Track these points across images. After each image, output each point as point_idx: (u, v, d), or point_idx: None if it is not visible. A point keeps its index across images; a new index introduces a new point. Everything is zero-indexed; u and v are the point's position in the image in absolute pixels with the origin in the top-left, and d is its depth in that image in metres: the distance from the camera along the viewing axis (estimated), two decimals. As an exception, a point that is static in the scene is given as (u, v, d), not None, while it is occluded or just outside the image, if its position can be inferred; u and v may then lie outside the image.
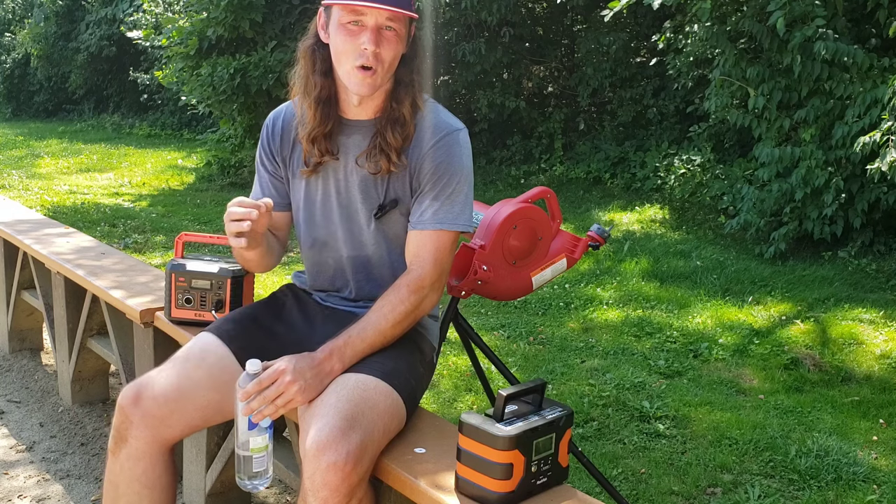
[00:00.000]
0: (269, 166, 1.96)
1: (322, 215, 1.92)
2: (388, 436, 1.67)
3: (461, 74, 9.26)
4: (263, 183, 1.98)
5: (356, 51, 1.71)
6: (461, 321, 2.11)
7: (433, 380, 3.62)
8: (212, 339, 1.84)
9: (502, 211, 1.96)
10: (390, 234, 1.88)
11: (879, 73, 5.23)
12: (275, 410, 1.58)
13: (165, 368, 1.78)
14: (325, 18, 1.78)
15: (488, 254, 1.92)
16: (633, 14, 8.50)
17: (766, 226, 5.91)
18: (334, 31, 1.74)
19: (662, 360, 3.87)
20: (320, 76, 1.80)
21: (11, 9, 19.62)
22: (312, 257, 1.98)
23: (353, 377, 1.67)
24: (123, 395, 1.73)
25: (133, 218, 7.41)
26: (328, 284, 1.99)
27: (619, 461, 2.91)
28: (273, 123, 1.95)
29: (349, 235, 1.90)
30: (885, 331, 4.28)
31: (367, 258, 1.91)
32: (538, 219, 2.00)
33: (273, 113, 1.98)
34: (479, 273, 1.90)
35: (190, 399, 1.73)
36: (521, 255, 1.99)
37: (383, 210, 1.85)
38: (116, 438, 1.73)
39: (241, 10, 8.79)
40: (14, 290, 3.87)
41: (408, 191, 1.84)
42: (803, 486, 2.76)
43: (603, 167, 8.46)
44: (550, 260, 2.04)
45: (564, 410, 1.55)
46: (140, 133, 14.93)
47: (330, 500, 1.50)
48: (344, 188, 1.87)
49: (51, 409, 3.38)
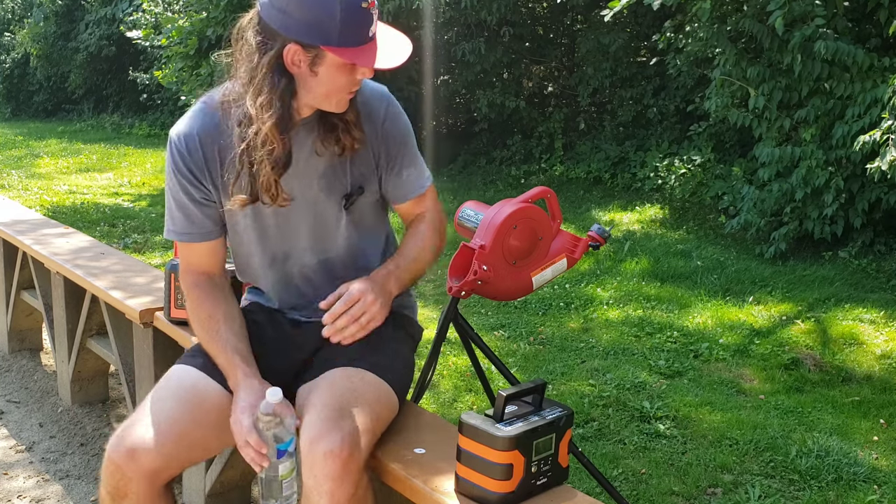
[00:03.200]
0: (197, 193, 1.74)
1: (278, 227, 1.79)
2: (380, 423, 1.66)
3: (461, 74, 9.26)
4: (191, 214, 1.76)
5: (353, 83, 1.64)
6: (461, 321, 2.11)
7: (433, 380, 3.62)
8: (196, 374, 1.73)
9: (502, 211, 1.95)
10: (359, 221, 1.84)
11: (879, 72, 5.22)
12: (360, 329, 1.65)
13: (156, 414, 1.65)
14: (307, 58, 1.58)
15: (488, 254, 1.91)
16: (633, 14, 8.49)
17: (767, 226, 5.91)
18: (329, 70, 1.60)
19: (663, 361, 3.87)
20: (287, 106, 1.63)
21: (11, 8, 19.61)
22: (273, 275, 1.87)
23: (338, 372, 1.68)
24: (116, 451, 1.60)
25: (132, 218, 7.41)
26: (296, 298, 1.89)
27: (620, 461, 2.90)
28: (186, 143, 1.72)
29: (315, 240, 1.82)
30: (885, 331, 4.27)
31: (337, 256, 1.85)
32: (538, 219, 1.99)
33: (181, 131, 1.73)
34: (479, 273, 1.89)
35: (187, 443, 1.65)
36: (521, 255, 1.98)
37: (351, 199, 1.79)
38: (114, 494, 1.62)
39: (240, 10, 8.59)
40: (13, 291, 3.86)
41: (372, 172, 1.80)
42: (804, 486, 2.76)
43: (603, 167, 8.46)
44: (551, 260, 2.03)
45: (564, 411, 1.55)
46: (140, 133, 14.92)
47: (336, 491, 1.49)
48: (301, 191, 1.76)
49: (50, 409, 3.38)
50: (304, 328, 1.90)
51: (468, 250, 1.92)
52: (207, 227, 1.79)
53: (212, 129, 1.72)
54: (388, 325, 1.85)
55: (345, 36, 1.55)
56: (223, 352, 1.71)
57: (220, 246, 1.84)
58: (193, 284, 1.81)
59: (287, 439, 1.57)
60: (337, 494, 1.49)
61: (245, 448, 1.58)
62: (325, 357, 1.78)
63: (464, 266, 1.93)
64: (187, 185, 1.74)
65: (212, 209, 1.78)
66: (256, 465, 1.57)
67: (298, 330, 1.90)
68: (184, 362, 1.79)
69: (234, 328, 1.75)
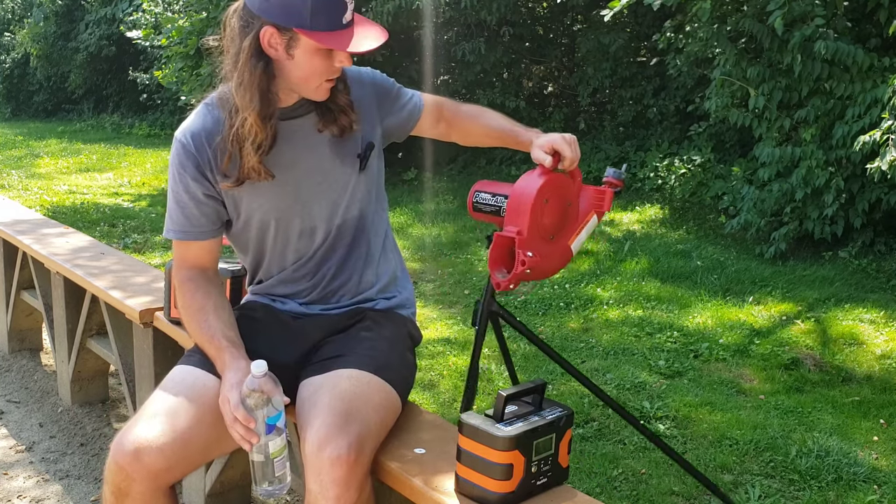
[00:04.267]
0: (200, 189, 1.78)
1: (298, 202, 1.83)
2: (385, 429, 1.67)
3: (461, 74, 9.25)
4: (190, 214, 1.80)
5: (329, 70, 1.69)
6: (505, 314, 2.07)
7: (433, 380, 3.62)
8: (198, 372, 1.74)
9: (528, 189, 1.79)
10: (372, 177, 1.92)
11: (879, 72, 5.22)
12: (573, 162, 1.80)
13: (159, 414, 1.65)
14: (282, 40, 1.64)
15: (528, 238, 1.77)
16: (633, 14, 8.49)
17: (767, 226, 5.91)
18: (305, 54, 1.65)
19: (663, 361, 3.87)
20: (266, 91, 1.68)
21: (11, 8, 19.61)
22: (292, 256, 1.89)
23: (344, 374, 1.68)
24: (120, 451, 1.60)
25: (132, 218, 7.41)
26: (307, 279, 1.91)
27: (620, 461, 2.90)
28: (192, 140, 1.76)
29: (333, 208, 1.85)
30: (885, 331, 4.27)
31: (355, 218, 1.89)
32: (563, 184, 1.84)
33: (185, 131, 1.78)
34: (526, 261, 1.75)
35: (192, 444, 1.65)
36: (557, 229, 1.85)
37: (366, 157, 1.87)
38: (117, 494, 1.62)
39: (240, 10, 8.77)
40: (13, 291, 3.86)
41: (375, 125, 1.91)
42: (804, 486, 2.76)
43: (603, 167, 8.45)
44: (582, 221, 1.90)
45: (565, 411, 1.55)
46: (139, 133, 14.92)
47: (342, 496, 1.49)
48: (315, 164, 1.82)
49: (50, 409, 3.38)
50: (303, 321, 1.91)
51: (505, 239, 1.79)
52: (205, 226, 1.82)
53: (215, 126, 1.77)
54: (390, 327, 1.86)
55: (317, 19, 1.61)
56: (211, 339, 1.73)
57: (216, 245, 1.87)
58: (187, 278, 1.84)
59: (275, 414, 1.57)
60: (343, 499, 1.49)
61: (234, 425, 1.58)
62: (328, 355, 1.78)
63: (503, 257, 1.81)
64: (191, 182, 1.77)
65: (212, 208, 1.81)
66: (245, 443, 1.58)
67: (298, 322, 1.91)
68: (185, 362, 1.80)
69: (222, 317, 1.78)
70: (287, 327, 1.90)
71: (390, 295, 1.98)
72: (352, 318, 1.91)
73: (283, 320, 1.91)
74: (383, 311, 1.94)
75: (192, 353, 1.83)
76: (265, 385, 1.57)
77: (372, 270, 1.94)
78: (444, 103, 2.05)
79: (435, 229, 6.86)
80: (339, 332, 1.88)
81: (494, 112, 2.03)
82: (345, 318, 1.91)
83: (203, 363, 1.76)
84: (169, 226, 1.84)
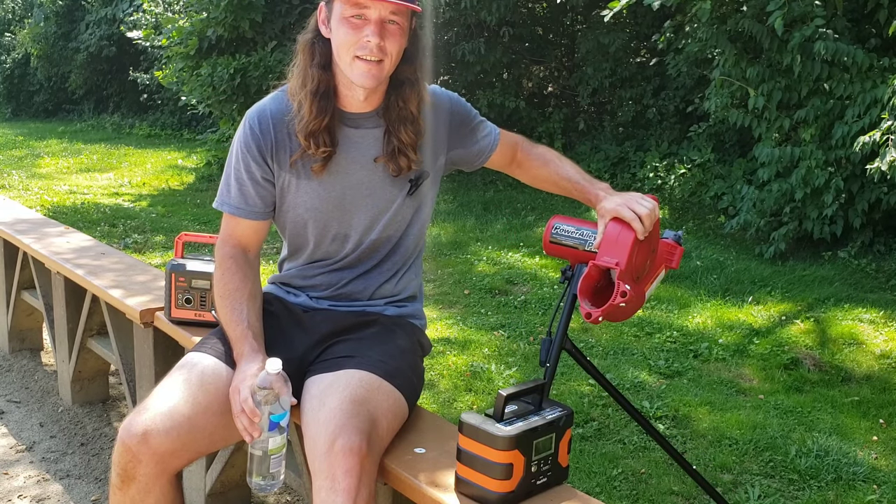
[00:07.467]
0: (259, 172, 1.83)
1: (339, 208, 1.85)
2: (391, 433, 1.68)
3: (461, 74, 9.26)
4: (247, 192, 1.85)
5: (358, 42, 1.71)
6: (573, 350, 1.94)
7: (433, 380, 3.62)
8: (211, 360, 1.76)
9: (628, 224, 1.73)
10: (420, 203, 1.92)
11: (879, 72, 5.23)
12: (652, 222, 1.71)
13: (168, 398, 1.67)
14: (327, 13, 1.76)
15: (625, 272, 1.69)
16: (633, 14, 8.50)
17: (766, 226, 5.91)
18: (336, 24, 1.73)
19: (662, 360, 3.87)
20: (318, 69, 1.77)
21: (11, 9, 19.61)
22: (320, 254, 1.92)
23: (356, 375, 1.68)
24: (128, 432, 1.62)
25: (133, 218, 7.41)
26: (328, 281, 1.94)
27: (620, 461, 2.91)
28: (259, 122, 1.82)
29: (371, 222, 1.87)
30: (885, 331, 4.28)
31: (391, 238, 1.91)
32: (655, 230, 1.79)
33: (255, 111, 1.84)
34: (627, 294, 1.65)
35: (199, 429, 1.67)
36: (641, 271, 1.79)
37: (417, 184, 1.88)
38: (123, 476, 1.63)
39: (240, 10, 8.79)
40: (14, 290, 3.87)
41: (441, 153, 1.91)
42: (803, 486, 2.76)
43: (603, 167, 8.46)
44: (656, 272, 1.86)
45: (564, 410, 1.55)
46: (140, 133, 14.92)
47: (352, 488, 1.49)
48: (366, 178, 1.84)
49: (51, 409, 3.38)
50: (314, 314, 1.93)
51: (600, 270, 1.72)
52: (259, 207, 1.87)
53: (284, 113, 1.81)
54: (402, 335, 1.87)
55: None
56: (239, 324, 1.76)
57: (264, 227, 1.91)
58: (228, 255, 1.87)
59: (280, 412, 1.59)
60: (353, 491, 1.49)
61: (240, 415, 1.61)
62: (338, 354, 1.79)
63: (593, 288, 1.73)
64: (251, 163, 1.83)
65: (268, 190, 1.86)
66: (247, 435, 1.60)
67: (308, 315, 1.93)
68: (199, 349, 1.82)
69: (255, 307, 1.81)
70: (299, 320, 1.93)
71: (402, 304, 1.99)
72: (359, 318, 1.91)
73: (295, 313, 1.94)
74: (395, 318, 1.94)
75: (208, 341, 1.85)
76: (276, 383, 1.59)
77: (390, 286, 1.96)
78: (520, 144, 2.04)
79: (435, 229, 6.87)
80: (348, 330, 1.88)
81: (566, 161, 2.00)
82: (352, 316, 1.92)
83: (217, 352, 1.79)
84: (224, 199, 1.88)
